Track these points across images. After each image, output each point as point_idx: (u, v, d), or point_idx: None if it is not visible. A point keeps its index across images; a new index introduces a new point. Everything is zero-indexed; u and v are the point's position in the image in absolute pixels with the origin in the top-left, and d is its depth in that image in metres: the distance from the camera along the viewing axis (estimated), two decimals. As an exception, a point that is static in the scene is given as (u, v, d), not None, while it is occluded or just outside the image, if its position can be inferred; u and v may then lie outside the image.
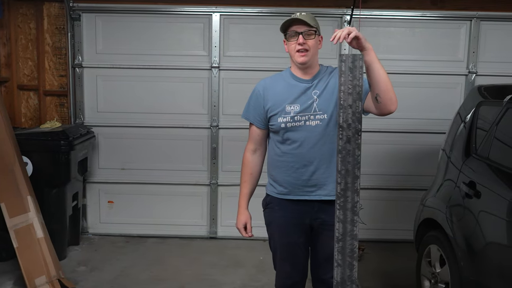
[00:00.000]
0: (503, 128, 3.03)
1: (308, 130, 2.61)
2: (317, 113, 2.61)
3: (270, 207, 2.82)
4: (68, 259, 4.64)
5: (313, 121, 2.61)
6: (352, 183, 1.78)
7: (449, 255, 3.16)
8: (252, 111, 2.76)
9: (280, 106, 2.64)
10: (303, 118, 2.61)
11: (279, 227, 2.76)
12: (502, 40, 5.04)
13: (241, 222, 2.88)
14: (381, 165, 5.19)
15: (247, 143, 2.85)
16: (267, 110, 2.69)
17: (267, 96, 2.70)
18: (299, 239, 2.74)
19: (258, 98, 2.73)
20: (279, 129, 2.65)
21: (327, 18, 4.99)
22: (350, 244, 1.82)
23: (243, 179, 2.88)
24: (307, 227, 2.74)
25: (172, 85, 5.13)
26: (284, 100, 2.64)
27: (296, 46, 2.60)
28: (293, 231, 2.73)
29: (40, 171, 4.41)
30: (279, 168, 2.73)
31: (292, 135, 2.64)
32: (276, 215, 2.77)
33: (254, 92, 2.77)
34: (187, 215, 5.30)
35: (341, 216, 1.81)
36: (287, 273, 2.79)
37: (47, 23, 5.13)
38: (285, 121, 2.62)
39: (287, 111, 2.62)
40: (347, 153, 1.76)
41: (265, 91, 2.71)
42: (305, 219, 2.72)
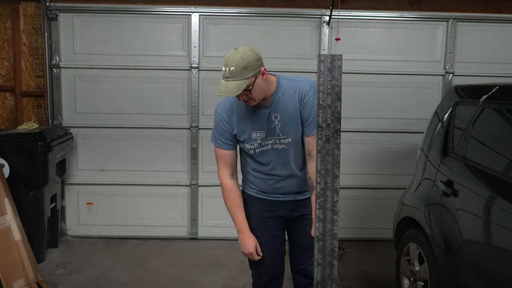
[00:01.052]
0: (479, 128, 3.08)
1: (276, 153, 2.69)
2: (281, 138, 2.66)
3: (247, 202, 2.86)
4: (47, 262, 4.58)
5: (279, 145, 2.67)
6: (332, 183, 1.78)
7: (427, 253, 3.20)
8: (220, 137, 2.72)
9: (246, 133, 2.67)
10: (270, 142, 2.67)
11: (255, 220, 2.81)
12: (478, 41, 5.12)
13: (252, 246, 2.75)
14: (360, 164, 5.23)
15: (220, 169, 2.78)
16: (235, 134, 2.70)
17: (231, 121, 2.68)
18: (275, 231, 2.82)
19: (224, 124, 2.69)
20: (249, 153, 2.72)
21: (305, 18, 5.01)
22: (330, 243, 1.83)
23: (235, 205, 2.79)
24: (283, 220, 2.82)
25: (151, 86, 5.10)
26: (249, 127, 2.66)
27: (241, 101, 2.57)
28: (269, 224, 2.80)
29: (17, 173, 4.34)
30: (252, 177, 2.82)
31: (261, 158, 2.71)
32: (252, 209, 2.82)
33: (217, 119, 2.72)
34: (168, 216, 5.27)
35: (321, 215, 1.81)
36: (265, 266, 2.82)
37: (24, 23, 5.06)
38: (253, 147, 2.68)
39: (254, 138, 2.66)
40: (326, 152, 1.77)
41: (229, 117, 2.68)
42: (281, 212, 2.80)
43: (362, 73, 5.08)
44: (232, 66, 2.42)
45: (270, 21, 5.00)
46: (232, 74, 2.42)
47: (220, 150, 2.75)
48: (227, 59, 2.45)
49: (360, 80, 5.08)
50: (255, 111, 2.64)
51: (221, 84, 2.46)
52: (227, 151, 2.74)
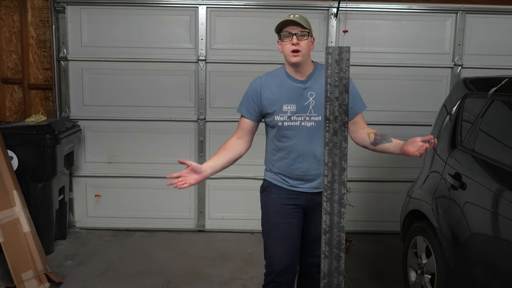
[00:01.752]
0: (488, 120, 3.06)
1: (303, 130, 2.74)
2: (312, 115, 2.73)
3: (267, 190, 2.92)
4: (55, 253, 4.61)
5: (308, 122, 2.73)
6: (339, 175, 1.78)
7: (435, 246, 3.19)
8: (246, 105, 2.83)
9: (277, 105, 2.74)
10: (299, 118, 2.73)
11: (274, 207, 2.86)
12: (487, 33, 5.07)
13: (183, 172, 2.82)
14: (368, 157, 5.20)
15: (235, 133, 2.90)
16: (264, 107, 2.78)
17: (264, 94, 2.77)
18: (293, 219, 2.84)
19: (255, 95, 2.80)
20: (276, 125, 2.77)
21: (313, 10, 4.99)
22: (337, 236, 1.83)
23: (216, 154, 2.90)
24: (300, 209, 2.86)
25: (159, 78, 5.11)
26: (281, 99, 2.74)
27: (289, 46, 2.68)
28: (287, 212, 2.83)
29: (25, 165, 4.37)
30: (276, 162, 2.85)
31: (287, 133, 2.76)
32: (272, 197, 2.88)
33: (250, 88, 2.84)
34: (175, 208, 5.29)
35: (328, 208, 1.81)
36: (279, 254, 2.83)
37: (31, 16, 5.07)
38: (282, 120, 2.74)
39: (284, 111, 2.73)
40: (334, 145, 1.77)
41: (262, 89, 2.78)
42: (299, 201, 2.84)
43: (370, 66, 5.05)
44: (297, 15, 2.72)
45: (278, 13, 4.97)
46: (299, 17, 2.70)
47: (241, 118, 2.86)
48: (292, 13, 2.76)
49: (368, 73, 5.05)
50: (290, 86, 2.75)
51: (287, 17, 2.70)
52: (246, 120, 2.84)
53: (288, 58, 2.71)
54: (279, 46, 2.77)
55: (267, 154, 2.95)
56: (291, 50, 2.67)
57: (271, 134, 2.85)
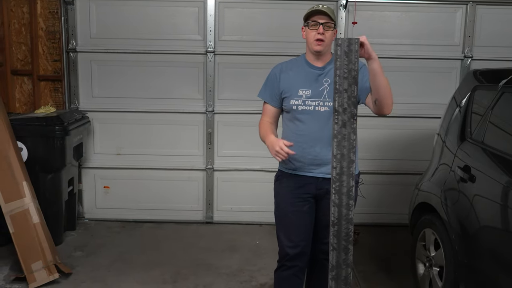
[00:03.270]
0: (498, 113, 3.04)
1: (317, 114, 2.82)
2: (326, 100, 2.80)
3: (279, 179, 3.01)
4: (65, 244, 4.65)
5: (322, 107, 2.81)
6: (348, 168, 1.78)
7: (443, 238, 3.18)
8: (268, 91, 2.97)
9: (293, 89, 2.85)
10: (313, 103, 2.82)
11: (285, 196, 2.95)
12: (498, 24, 5.02)
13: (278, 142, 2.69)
14: (376, 149, 5.20)
15: (262, 117, 3.02)
16: (281, 92, 2.89)
17: (282, 79, 2.90)
18: (303, 207, 2.91)
19: (274, 80, 2.93)
20: (290, 109, 2.87)
21: (323, 2, 4.95)
22: (345, 228, 1.83)
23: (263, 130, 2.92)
24: (311, 197, 2.92)
25: (167, 70, 5.11)
26: (297, 84, 2.85)
27: (315, 35, 2.78)
28: (298, 201, 2.91)
29: (35, 157, 4.40)
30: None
31: (301, 117, 2.84)
32: (284, 185, 2.96)
33: (271, 74, 2.98)
34: (183, 200, 5.31)
35: (337, 200, 1.81)
36: (291, 241, 2.92)
37: (40, 7, 5.08)
38: (297, 103, 2.83)
39: (299, 95, 2.83)
40: (342, 137, 1.76)
41: (281, 74, 2.92)
42: (310, 189, 2.90)
43: (379, 57, 5.00)
44: (325, 6, 2.82)
45: (286, 5, 4.95)
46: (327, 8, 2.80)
47: (265, 104, 3.00)
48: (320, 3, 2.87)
49: (377, 65, 5.01)
50: (308, 72, 2.86)
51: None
52: (270, 106, 2.97)
53: (311, 46, 2.81)
54: (303, 33, 2.89)
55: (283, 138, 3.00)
56: (316, 38, 2.77)
57: (286, 119, 2.95)
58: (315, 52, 2.82)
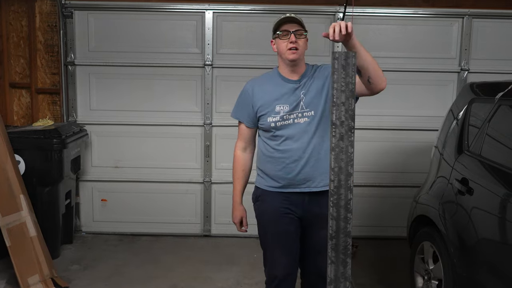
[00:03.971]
0: (495, 125, 3.05)
1: (297, 127, 2.71)
2: (304, 111, 2.71)
3: (260, 199, 2.88)
4: (61, 258, 4.62)
5: (301, 119, 2.71)
6: (345, 181, 1.78)
7: (442, 251, 3.17)
8: (242, 110, 2.86)
9: (270, 106, 2.73)
10: (292, 116, 2.71)
11: (271, 217, 2.82)
12: (494, 38, 5.06)
13: (237, 217, 2.99)
14: (374, 162, 5.20)
15: (237, 141, 2.95)
16: (257, 110, 2.78)
17: (256, 96, 2.78)
18: (290, 228, 2.80)
19: (247, 98, 2.82)
20: (269, 128, 2.75)
21: (319, 15, 5.00)
22: (343, 241, 1.82)
23: (236, 176, 2.96)
24: (297, 217, 2.81)
25: (165, 83, 5.12)
26: (274, 100, 2.73)
27: (287, 44, 2.69)
28: (285, 221, 2.80)
29: (32, 170, 4.39)
30: (270, 163, 2.81)
31: (281, 132, 2.73)
32: (267, 206, 2.84)
33: (243, 91, 2.86)
34: (181, 213, 5.29)
35: (335, 213, 1.81)
36: (279, 264, 2.80)
37: (39, 21, 5.10)
38: (275, 120, 2.72)
39: (277, 111, 2.72)
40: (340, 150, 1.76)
41: (254, 91, 2.80)
42: (296, 210, 2.79)
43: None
44: (293, 14, 2.76)
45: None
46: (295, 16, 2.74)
47: (240, 125, 2.91)
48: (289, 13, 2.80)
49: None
50: (283, 87, 2.75)
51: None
52: (245, 127, 2.88)
53: (285, 56, 2.70)
54: (273, 46, 2.80)
55: (259, 158, 2.90)
56: (289, 47, 2.68)
57: (264, 136, 2.82)
58: (290, 62, 2.70)
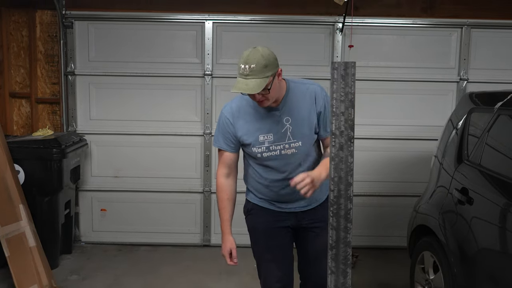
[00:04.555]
0: (495, 135, 3.05)
1: (285, 158, 2.64)
2: (291, 141, 2.61)
3: (252, 213, 2.84)
4: (61, 268, 4.60)
5: (289, 150, 2.62)
6: (345, 190, 1.78)
7: (442, 261, 3.16)
8: (223, 138, 2.70)
9: (253, 136, 2.62)
10: (278, 147, 2.61)
11: (265, 230, 2.79)
12: (493, 47, 5.08)
13: (226, 249, 2.83)
14: (374, 171, 5.20)
15: (219, 167, 2.78)
16: (239, 138, 2.66)
17: (236, 125, 2.64)
18: (284, 239, 2.78)
19: (228, 126, 2.66)
20: (256, 157, 2.67)
21: (319, 25, 5.02)
22: (343, 251, 1.81)
23: (222, 205, 2.79)
24: (290, 229, 2.80)
25: (165, 93, 5.13)
26: (257, 130, 2.61)
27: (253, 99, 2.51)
28: (278, 233, 2.77)
29: (32, 179, 4.39)
30: (259, 185, 2.77)
31: (269, 163, 2.66)
32: (260, 220, 2.80)
33: (222, 119, 2.69)
34: (180, 222, 5.28)
35: (334, 223, 1.81)
36: (275, 277, 2.78)
37: (40, 31, 5.12)
38: (261, 151, 2.63)
39: (261, 141, 2.61)
40: (339, 160, 1.76)
41: (234, 119, 2.65)
42: (289, 221, 2.78)
43: (375, 80, 5.06)
44: (253, 64, 2.37)
45: (284, 28, 5.01)
46: (252, 72, 2.38)
47: (221, 152, 2.74)
48: (247, 56, 2.40)
49: (374, 87, 5.06)
50: (264, 114, 2.60)
51: (239, 81, 2.41)
52: (228, 153, 2.72)
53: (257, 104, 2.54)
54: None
55: (248, 177, 2.83)
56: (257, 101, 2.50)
57: (251, 161, 2.74)
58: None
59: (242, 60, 2.41)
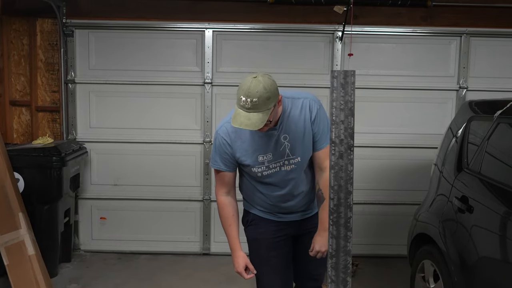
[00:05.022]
0: (494, 143, 3.05)
1: (284, 174, 2.64)
2: (290, 158, 2.60)
3: (253, 224, 2.83)
4: (60, 276, 4.59)
5: (288, 166, 2.62)
6: (345, 199, 1.78)
7: (442, 270, 3.15)
8: (221, 159, 2.65)
9: (252, 156, 2.59)
10: (278, 164, 2.61)
11: (265, 241, 2.78)
12: (492, 56, 5.09)
13: (240, 266, 2.74)
14: (373, 180, 5.19)
15: (218, 188, 2.75)
16: (238, 159, 2.62)
17: (234, 146, 2.60)
18: (284, 248, 2.80)
19: (225, 147, 2.61)
20: (255, 176, 2.66)
21: (318, 34, 5.03)
22: (343, 260, 1.81)
23: (228, 223, 2.75)
24: (290, 237, 2.82)
25: (165, 101, 5.14)
26: (255, 151, 2.58)
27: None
28: (279, 244, 2.78)
29: (31, 188, 4.38)
30: (256, 198, 2.77)
31: (269, 180, 2.66)
32: (261, 231, 2.80)
33: (218, 140, 2.62)
34: (180, 231, 5.27)
35: (334, 232, 1.80)
36: (276, 284, 2.80)
37: (40, 39, 5.14)
38: (260, 170, 2.61)
39: (260, 161, 2.59)
40: (339, 168, 1.76)
41: (231, 140, 2.59)
42: (289, 230, 2.80)
43: (375, 88, 5.07)
44: (255, 98, 2.27)
45: (283, 37, 5.03)
46: (254, 106, 2.28)
47: (220, 171, 2.69)
48: (249, 89, 2.29)
49: (373, 96, 5.06)
50: (262, 134, 2.55)
51: (240, 114, 2.31)
52: (226, 173, 2.68)
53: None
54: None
55: (247, 192, 2.82)
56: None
57: (251, 179, 2.72)
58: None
59: (243, 92, 2.31)
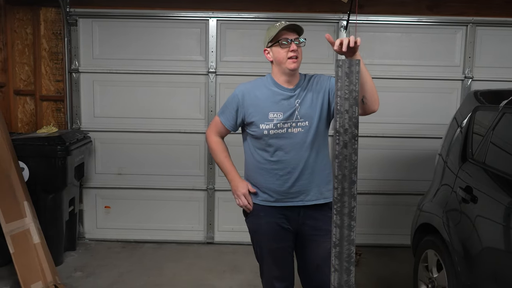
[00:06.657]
0: (499, 133, 3.04)
1: (291, 137, 2.65)
2: (299, 121, 2.66)
3: (254, 214, 2.81)
4: (65, 265, 4.62)
5: (295, 128, 2.66)
6: (349, 188, 1.78)
7: (446, 260, 3.16)
8: (226, 113, 2.80)
9: (262, 112, 2.67)
10: (286, 125, 2.65)
11: (267, 233, 2.78)
12: (498, 45, 5.06)
13: (245, 187, 2.79)
14: (377, 170, 5.19)
15: (211, 130, 2.91)
16: (247, 116, 2.73)
17: (247, 102, 2.72)
18: (286, 242, 2.79)
19: (236, 103, 2.75)
20: (262, 135, 2.68)
21: (323, 23, 5.01)
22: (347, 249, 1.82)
23: (223, 155, 2.87)
24: (292, 232, 2.79)
25: (169, 90, 5.14)
26: (267, 107, 2.67)
27: (288, 53, 2.63)
28: (281, 236, 2.77)
29: (36, 177, 4.40)
30: (261, 175, 2.75)
31: (274, 142, 2.67)
32: (262, 222, 2.78)
33: (233, 96, 2.78)
34: (184, 220, 5.29)
35: (338, 221, 1.81)
36: (277, 278, 2.81)
37: (44, 28, 5.13)
38: (268, 128, 2.66)
39: (270, 118, 2.65)
40: (344, 158, 1.76)
41: (245, 97, 2.73)
42: (291, 224, 2.76)
43: (380, 78, 5.03)
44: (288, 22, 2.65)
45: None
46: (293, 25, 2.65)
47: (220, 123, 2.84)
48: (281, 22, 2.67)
49: (378, 85, 4.95)
50: (279, 94, 2.68)
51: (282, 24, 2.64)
52: (223, 126, 2.84)
53: (286, 65, 2.64)
54: (268, 55, 2.73)
55: (249, 169, 2.83)
56: (290, 56, 2.62)
57: (255, 146, 2.75)
58: (290, 71, 2.64)
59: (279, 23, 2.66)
